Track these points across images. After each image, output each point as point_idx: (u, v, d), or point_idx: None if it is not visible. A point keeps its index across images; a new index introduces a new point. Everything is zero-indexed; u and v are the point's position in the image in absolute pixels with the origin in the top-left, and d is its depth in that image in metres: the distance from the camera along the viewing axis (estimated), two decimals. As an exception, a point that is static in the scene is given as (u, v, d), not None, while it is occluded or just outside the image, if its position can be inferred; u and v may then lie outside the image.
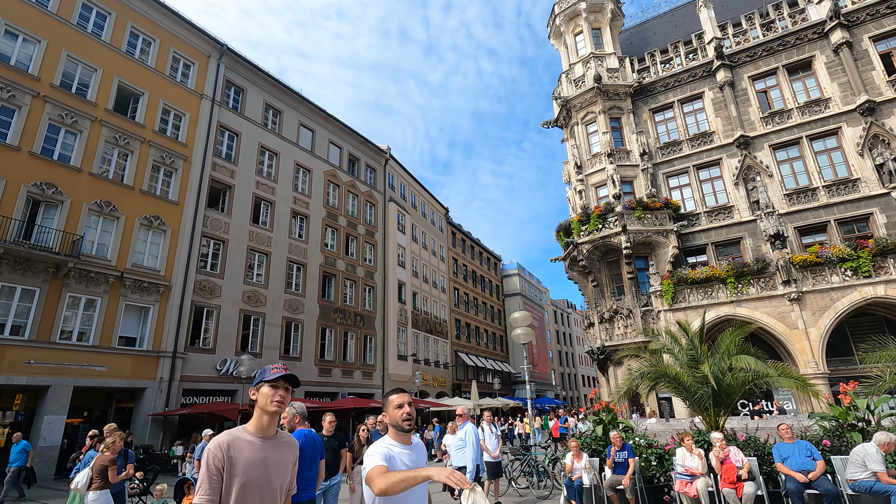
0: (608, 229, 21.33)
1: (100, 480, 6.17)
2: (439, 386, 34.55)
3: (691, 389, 7.44)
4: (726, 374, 7.27)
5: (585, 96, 24.37)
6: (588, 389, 79.00)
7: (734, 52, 22.05)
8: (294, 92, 26.17)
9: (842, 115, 19.55)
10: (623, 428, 7.74)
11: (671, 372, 7.64)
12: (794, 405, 18.15)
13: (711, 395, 7.17)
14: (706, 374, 6.85)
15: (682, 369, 7.67)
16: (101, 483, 6.16)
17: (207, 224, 20.59)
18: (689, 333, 8.48)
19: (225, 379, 19.60)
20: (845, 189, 19.00)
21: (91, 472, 6.25)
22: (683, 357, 7.94)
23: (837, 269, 16.75)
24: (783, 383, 6.85)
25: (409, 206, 35.94)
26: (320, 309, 24.91)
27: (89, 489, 6.18)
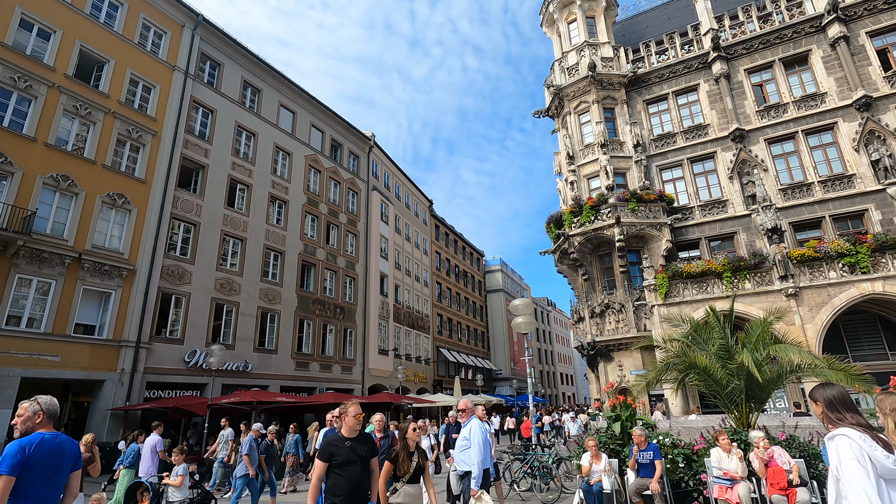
0: (601, 221, 20.70)
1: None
2: (420, 382, 33.58)
3: (722, 382, 6.70)
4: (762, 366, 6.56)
5: (579, 85, 23.69)
6: (566, 387, 79.20)
7: (730, 45, 21.66)
8: (274, 70, 24.76)
9: (838, 110, 19.30)
10: (643, 425, 6.93)
11: (701, 363, 6.89)
12: (787, 403, 17.81)
13: (744, 388, 6.45)
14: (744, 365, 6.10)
15: (712, 361, 6.93)
16: None
17: (178, 205, 19.14)
18: (720, 322, 7.73)
19: (194, 372, 18.23)
20: (840, 185, 18.75)
21: None
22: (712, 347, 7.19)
23: (835, 265, 16.41)
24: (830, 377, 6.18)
25: (392, 196, 34.80)
26: (298, 299, 23.65)
27: None
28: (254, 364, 20.42)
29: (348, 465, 3.77)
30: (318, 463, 3.79)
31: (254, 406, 15.06)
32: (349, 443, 3.90)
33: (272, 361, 21.56)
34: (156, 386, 17.45)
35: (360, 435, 4.00)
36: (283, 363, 22.14)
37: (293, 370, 22.58)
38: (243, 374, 19.90)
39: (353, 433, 3.94)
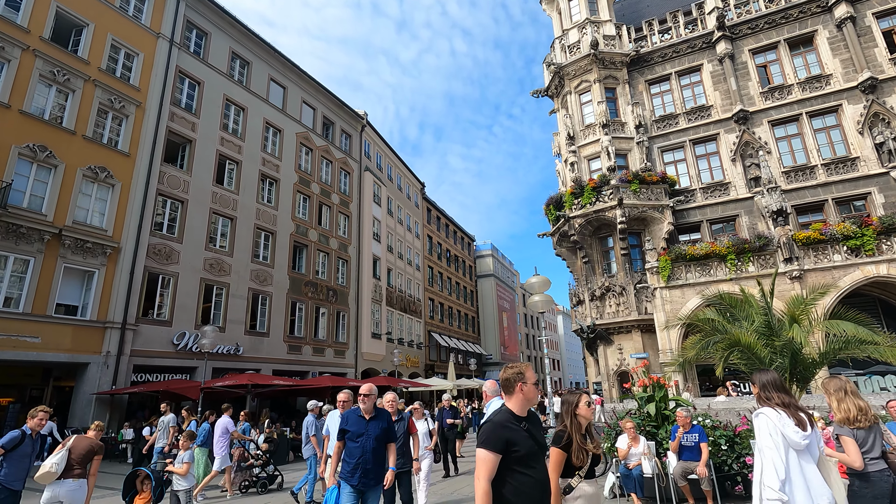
0: (602, 203, 20.32)
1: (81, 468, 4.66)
2: (412, 366, 33.23)
3: (765, 361, 6.36)
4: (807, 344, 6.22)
5: (580, 63, 23.10)
6: (554, 373, 79.86)
7: (735, 24, 21.25)
8: (264, 42, 23.65)
9: (843, 92, 19.09)
10: (676, 405, 6.56)
11: (745, 340, 6.53)
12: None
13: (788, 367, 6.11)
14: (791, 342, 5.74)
15: (754, 338, 6.57)
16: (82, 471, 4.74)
17: (164, 181, 18.19)
18: (766, 298, 7.36)
19: (183, 354, 17.50)
20: (844, 168, 18.62)
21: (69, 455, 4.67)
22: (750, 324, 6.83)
23: (840, 248, 16.30)
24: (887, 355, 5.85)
25: (385, 177, 33.98)
26: (290, 281, 22.93)
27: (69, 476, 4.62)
28: (245, 347, 19.75)
29: (532, 459, 2.56)
30: (490, 456, 2.44)
31: (248, 390, 14.47)
32: (525, 424, 2.64)
33: (264, 344, 20.90)
34: (143, 369, 16.70)
35: (530, 415, 2.78)
36: (275, 346, 21.49)
37: (285, 354, 21.95)
38: (234, 358, 19.23)
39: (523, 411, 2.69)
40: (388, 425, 4.57)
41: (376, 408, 4.57)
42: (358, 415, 4.48)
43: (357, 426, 4.41)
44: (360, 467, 4.27)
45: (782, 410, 3.01)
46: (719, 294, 8.05)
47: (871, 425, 3.50)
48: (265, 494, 9.40)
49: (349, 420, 4.46)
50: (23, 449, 4.77)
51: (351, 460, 4.31)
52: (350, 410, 4.64)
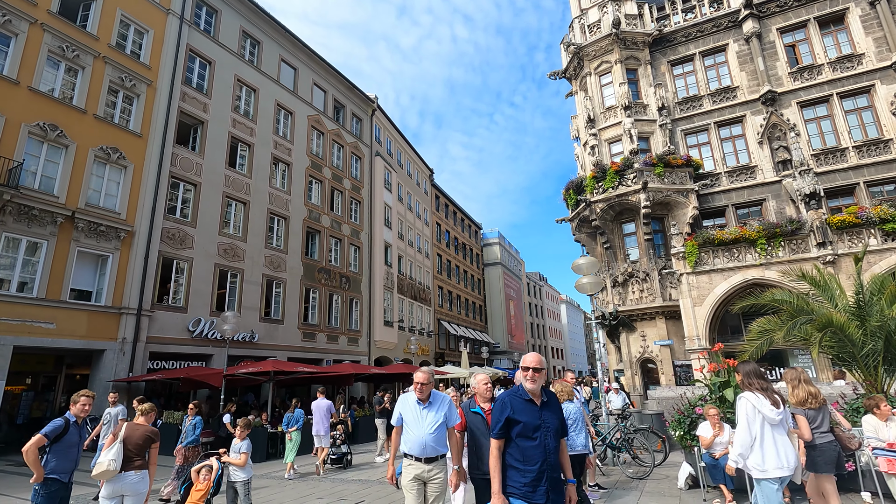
0: (625, 187, 19.82)
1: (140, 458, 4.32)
2: (423, 354, 32.91)
3: (857, 343, 5.95)
4: (903, 325, 5.81)
5: (601, 44, 22.44)
6: (557, 361, 79.84)
7: (762, 2, 20.58)
8: (275, 21, 22.93)
9: (876, 72, 18.50)
10: (753, 392, 6.14)
11: (837, 321, 6.10)
12: (815, 372, 17.49)
13: (881, 350, 5.70)
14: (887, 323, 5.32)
15: (846, 318, 6.14)
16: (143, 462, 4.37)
17: (176, 163, 17.64)
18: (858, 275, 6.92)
19: (199, 341, 17.09)
20: (876, 150, 18.10)
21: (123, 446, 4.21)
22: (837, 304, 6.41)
23: (875, 232, 15.85)
24: None
25: (395, 163, 33.38)
26: (304, 268, 22.47)
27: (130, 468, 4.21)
28: (260, 334, 19.35)
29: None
30: None
31: (271, 377, 14.07)
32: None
33: (278, 332, 20.50)
34: (159, 356, 16.30)
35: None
36: (290, 334, 21.10)
37: (300, 341, 21.57)
38: (249, 345, 18.83)
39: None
40: (562, 415, 3.31)
41: (544, 389, 3.27)
42: (525, 399, 3.15)
43: (530, 416, 3.09)
44: (545, 477, 3.00)
45: (760, 394, 3.82)
46: (801, 272, 7.56)
47: (821, 406, 4.54)
48: (348, 471, 10.49)
49: (515, 407, 3.12)
50: (69, 438, 4.34)
51: (530, 467, 2.99)
52: (510, 393, 3.25)
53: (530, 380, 3.16)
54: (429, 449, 3.90)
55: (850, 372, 6.60)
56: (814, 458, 4.49)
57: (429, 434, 3.91)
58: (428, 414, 3.99)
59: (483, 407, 4.38)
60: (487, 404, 4.38)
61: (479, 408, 4.37)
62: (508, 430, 3.09)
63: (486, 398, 4.55)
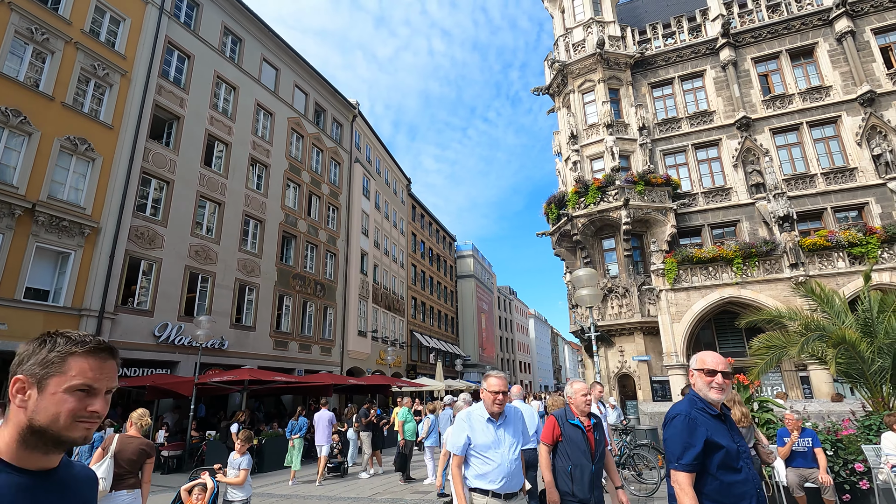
0: (607, 203, 20.09)
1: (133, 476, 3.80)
2: (395, 366, 32.25)
3: (867, 360, 6.00)
4: (910, 343, 5.91)
5: (585, 63, 22.89)
6: (524, 375, 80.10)
7: (739, 32, 21.48)
8: (258, 19, 22.35)
9: (842, 104, 19.52)
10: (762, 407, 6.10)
11: (850, 337, 6.14)
12: (784, 388, 17.97)
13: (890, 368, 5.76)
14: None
15: (858, 335, 6.19)
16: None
17: (149, 158, 16.75)
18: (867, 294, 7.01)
19: (164, 347, 16.09)
20: (842, 178, 19.01)
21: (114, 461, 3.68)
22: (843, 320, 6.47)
23: (844, 255, 16.53)
24: None
25: (374, 171, 32.95)
26: (278, 273, 21.67)
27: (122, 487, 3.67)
28: (230, 341, 18.44)
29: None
30: None
31: (245, 386, 13.31)
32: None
33: (249, 339, 19.61)
34: (122, 363, 15.20)
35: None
36: (261, 341, 20.22)
37: (271, 349, 20.69)
38: (219, 352, 17.89)
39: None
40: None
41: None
42: (713, 414, 2.43)
43: (726, 438, 2.39)
44: None
45: None
46: (809, 288, 7.64)
47: (749, 425, 5.11)
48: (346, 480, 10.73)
49: (713, 428, 2.37)
50: None
51: None
52: (690, 405, 2.46)
53: (717, 388, 2.39)
54: (513, 481, 3.15)
55: (857, 389, 6.68)
56: None
57: (512, 461, 3.14)
58: (506, 434, 3.19)
59: (582, 420, 3.67)
60: (586, 420, 3.70)
61: (579, 420, 3.64)
62: (704, 458, 2.31)
63: (584, 412, 3.72)
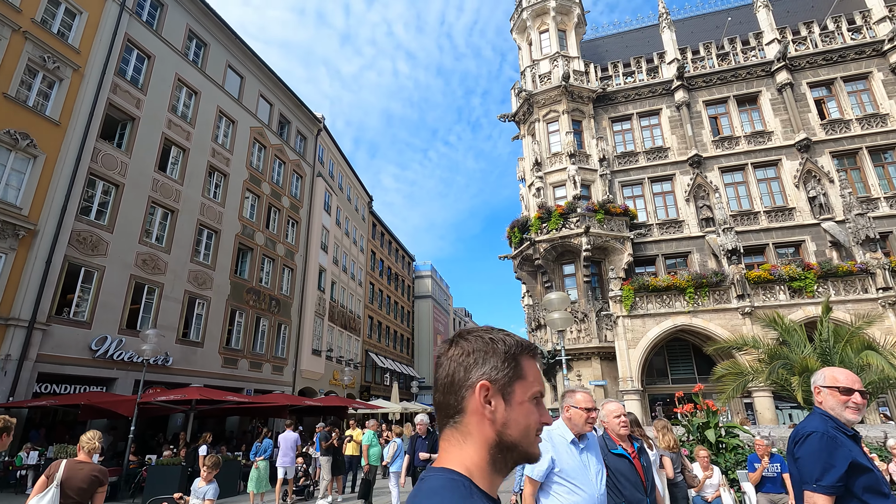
0: (569, 230, 20.62)
1: None
2: (349, 387, 31.28)
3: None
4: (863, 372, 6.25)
5: (550, 94, 23.72)
6: (477, 398, 79.78)
7: (692, 76, 22.96)
8: (226, 25, 21.80)
9: (782, 148, 21.12)
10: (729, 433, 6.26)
11: (812, 366, 6.41)
12: (730, 415, 18.72)
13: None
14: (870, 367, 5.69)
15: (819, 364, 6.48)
16: None
17: (98, 159, 15.71)
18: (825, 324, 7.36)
19: (101, 363, 14.84)
20: (782, 216, 20.42)
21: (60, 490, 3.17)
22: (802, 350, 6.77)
23: (785, 288, 17.63)
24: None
25: (336, 186, 32.44)
26: (231, 286, 20.68)
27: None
28: (175, 357, 17.28)
29: None
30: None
31: (192, 406, 12.40)
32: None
33: (197, 356, 18.47)
34: (50, 378, 13.90)
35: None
36: (210, 358, 19.08)
37: (220, 367, 19.56)
38: (162, 369, 16.71)
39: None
40: None
41: None
42: (849, 435, 2.20)
43: (868, 460, 2.17)
44: None
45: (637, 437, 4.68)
46: (773, 317, 7.99)
47: (678, 451, 5.57)
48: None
49: (856, 449, 2.14)
50: None
51: None
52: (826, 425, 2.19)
53: (854, 408, 2.19)
54: None
55: None
56: (675, 494, 5.23)
57: (601, 494, 2.68)
58: (590, 460, 2.78)
59: (624, 447, 3.23)
60: (628, 445, 3.26)
61: (622, 448, 3.22)
62: (847, 481, 2.07)
63: (622, 436, 3.25)
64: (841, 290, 17.14)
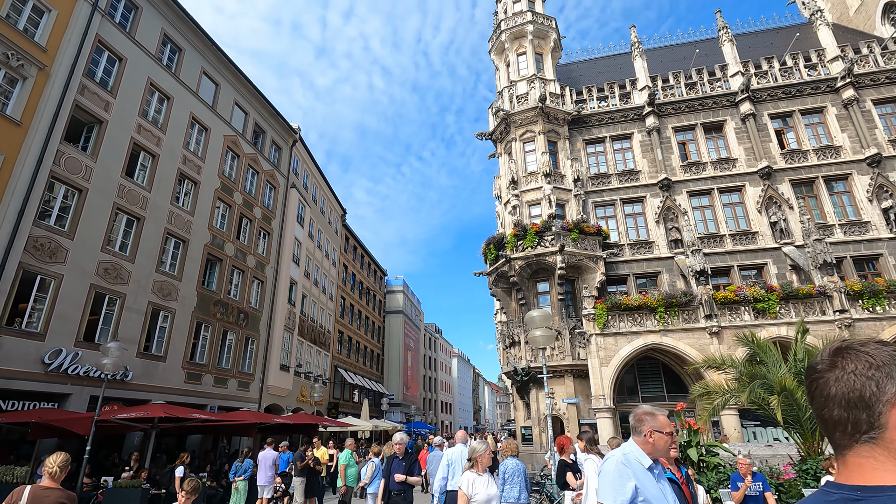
0: (544, 248, 20.86)
1: None
2: (317, 404, 30.40)
3: (802, 406, 6.45)
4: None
5: (527, 114, 24.20)
6: (445, 416, 78.94)
7: (662, 104, 23.88)
8: (202, 31, 21.39)
9: (745, 175, 22.09)
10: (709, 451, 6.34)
11: (790, 386, 6.57)
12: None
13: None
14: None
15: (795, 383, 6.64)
16: None
17: (61, 162, 14.99)
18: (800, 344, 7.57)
19: (54, 377, 13.94)
20: (746, 240, 21.25)
21: None
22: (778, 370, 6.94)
23: (750, 309, 18.26)
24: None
25: (309, 198, 31.97)
26: (198, 298, 19.92)
27: None
28: (135, 372, 16.43)
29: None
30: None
31: (154, 424, 11.73)
32: None
33: (158, 370, 17.61)
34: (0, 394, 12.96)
35: None
36: (172, 373, 18.23)
37: (182, 382, 18.70)
38: (120, 384, 15.82)
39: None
40: None
41: None
42: None
43: None
44: None
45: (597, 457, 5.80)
46: (749, 336, 8.18)
47: None
48: None
49: None
50: None
51: None
52: None
53: None
54: None
55: (790, 434, 7.18)
56: None
57: None
58: (665, 488, 2.61)
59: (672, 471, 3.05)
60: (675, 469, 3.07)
61: (671, 472, 3.07)
62: None
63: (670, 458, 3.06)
64: (801, 311, 17.88)
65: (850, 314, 17.30)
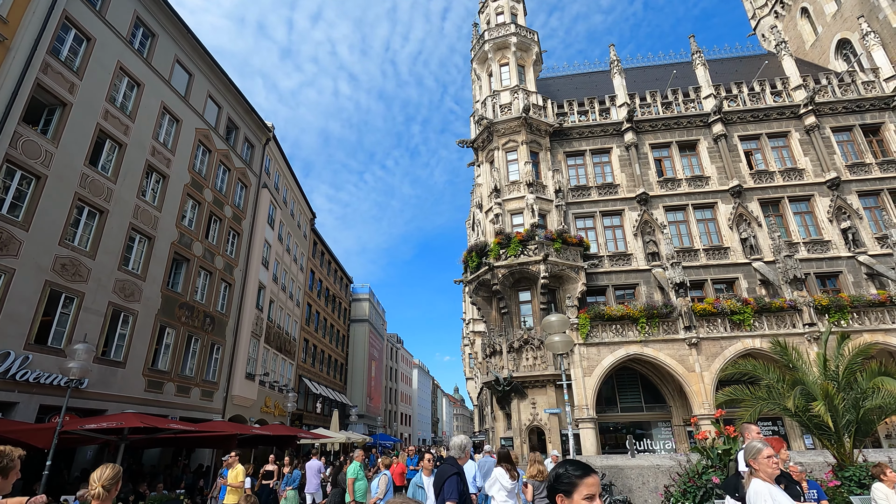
0: (527, 257, 20.81)
1: None
2: (280, 415, 28.98)
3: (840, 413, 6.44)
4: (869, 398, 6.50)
5: (510, 124, 24.29)
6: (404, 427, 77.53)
7: (640, 121, 24.57)
8: (178, 18, 20.24)
9: (718, 192, 22.96)
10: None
11: (831, 392, 6.54)
12: (674, 444, 19.40)
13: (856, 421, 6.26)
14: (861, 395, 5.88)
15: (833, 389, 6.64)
16: None
17: (18, 145, 13.58)
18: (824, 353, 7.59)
19: (1, 384, 12.44)
20: (719, 255, 22.00)
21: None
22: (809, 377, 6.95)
23: (726, 321, 18.82)
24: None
25: (281, 199, 30.77)
26: (163, 300, 18.53)
27: None
28: (92, 379, 14.94)
29: None
30: None
31: (123, 436, 10.57)
32: None
33: (117, 378, 16.13)
34: (-70, 402, 11.36)
35: None
36: (131, 381, 16.75)
37: (142, 391, 17.22)
38: (74, 392, 14.24)
39: None
40: None
41: None
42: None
43: None
44: None
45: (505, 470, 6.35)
46: (783, 346, 8.19)
47: (543, 479, 6.53)
48: None
49: None
50: None
51: None
52: None
53: None
54: None
55: (819, 441, 7.21)
56: None
57: None
58: None
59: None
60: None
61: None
62: None
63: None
64: (773, 324, 18.60)
65: (818, 327, 18.13)
